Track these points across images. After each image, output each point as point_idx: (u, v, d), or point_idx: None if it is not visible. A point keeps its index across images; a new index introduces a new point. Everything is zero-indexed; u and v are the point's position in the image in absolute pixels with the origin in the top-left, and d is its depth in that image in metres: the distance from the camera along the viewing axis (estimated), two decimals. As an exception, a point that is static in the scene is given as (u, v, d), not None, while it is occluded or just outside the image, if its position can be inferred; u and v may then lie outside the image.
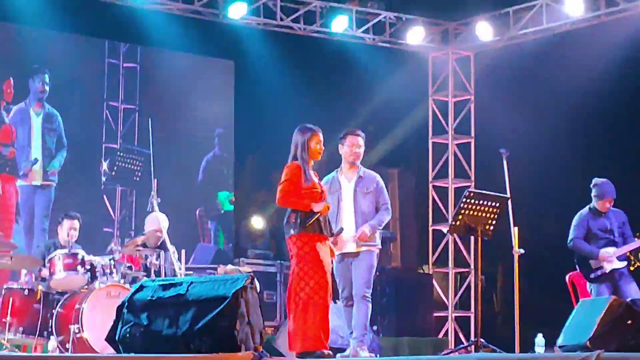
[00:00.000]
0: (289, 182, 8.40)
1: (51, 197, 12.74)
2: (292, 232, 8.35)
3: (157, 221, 11.01)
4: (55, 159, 13.40)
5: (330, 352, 8.45)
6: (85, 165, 14.34)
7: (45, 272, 10.54)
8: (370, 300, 8.94)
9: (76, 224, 11.18)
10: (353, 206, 9.05)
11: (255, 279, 8.27)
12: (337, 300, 10.27)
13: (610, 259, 10.08)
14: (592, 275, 10.20)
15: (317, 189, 8.46)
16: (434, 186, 15.55)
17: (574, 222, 10.32)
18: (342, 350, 9.22)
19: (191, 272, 11.17)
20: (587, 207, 10.33)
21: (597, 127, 15.40)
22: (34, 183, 13.16)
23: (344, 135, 9.32)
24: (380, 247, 9.15)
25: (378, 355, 9.95)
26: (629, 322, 7.43)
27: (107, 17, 14.18)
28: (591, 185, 10.32)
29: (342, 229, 8.88)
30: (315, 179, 8.53)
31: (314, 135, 8.57)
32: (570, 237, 10.31)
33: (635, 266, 10.21)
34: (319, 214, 8.34)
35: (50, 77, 13.81)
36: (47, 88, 13.11)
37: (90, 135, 14.44)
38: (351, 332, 8.94)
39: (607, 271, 10.13)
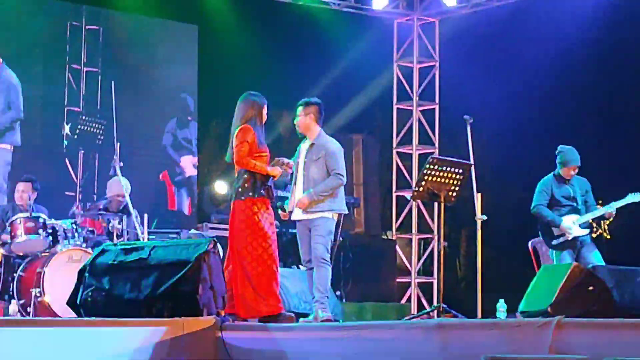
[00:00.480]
0: (247, 144, 8.45)
1: (8, 161, 12.58)
2: (244, 196, 8.39)
3: (119, 186, 10.95)
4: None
5: (292, 315, 8.47)
6: (47, 128, 14.21)
7: (5, 236, 10.46)
8: (327, 263, 8.91)
9: (29, 187, 11.08)
10: (303, 173, 9.05)
11: (218, 244, 8.26)
12: (299, 266, 10.27)
13: (573, 226, 10.12)
14: (554, 242, 10.24)
15: (265, 154, 8.55)
16: (397, 152, 15.56)
17: (538, 188, 10.35)
18: (306, 315, 9.23)
19: (154, 237, 11.13)
20: (552, 173, 10.35)
21: (563, 94, 15.45)
22: None
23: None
24: (338, 211, 9.08)
25: (341, 321, 9.96)
26: (590, 288, 7.46)
27: (70, -21, 14.04)
28: (556, 152, 10.34)
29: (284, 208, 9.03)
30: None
31: (265, 104, 8.73)
32: (533, 203, 10.34)
33: (598, 233, 10.26)
34: (273, 178, 8.48)
35: (10, 39, 13.64)
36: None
37: (52, 99, 14.30)
38: (313, 297, 8.95)
39: (569, 238, 10.18)
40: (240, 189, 8.46)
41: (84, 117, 14.12)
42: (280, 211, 9.11)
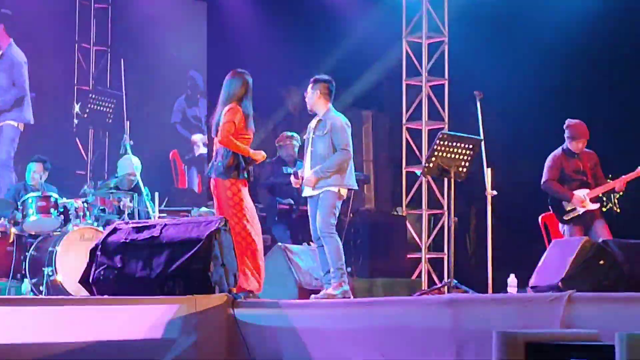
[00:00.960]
0: (233, 125, 8.50)
1: (13, 137, 12.62)
2: (227, 175, 8.47)
3: (131, 164, 10.98)
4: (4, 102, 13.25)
5: (245, 294, 8.52)
6: (57, 107, 14.23)
7: (17, 215, 10.50)
8: (332, 235, 8.90)
9: (40, 167, 11.13)
10: (310, 150, 9.07)
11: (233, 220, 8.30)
12: (310, 242, 10.29)
13: (584, 200, 10.12)
14: (565, 217, 10.25)
15: (250, 137, 8.59)
16: (407, 128, 15.54)
17: (547, 163, 10.34)
18: (317, 291, 9.26)
19: (165, 215, 11.16)
20: (560, 148, 10.34)
21: (573, 69, 15.38)
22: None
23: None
24: (347, 187, 9.08)
25: (352, 297, 9.99)
26: (601, 262, 7.47)
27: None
28: (564, 127, 10.33)
29: (296, 173, 9.09)
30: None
31: (251, 82, 8.71)
32: (543, 178, 10.34)
33: (608, 207, 10.26)
34: (255, 161, 8.55)
35: (18, 18, 13.64)
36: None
37: (61, 78, 14.32)
38: (327, 271, 8.97)
39: (580, 213, 10.18)
40: (223, 168, 8.53)
41: (93, 96, 14.14)
42: (292, 177, 9.12)
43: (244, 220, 8.52)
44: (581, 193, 10.16)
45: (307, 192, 9.07)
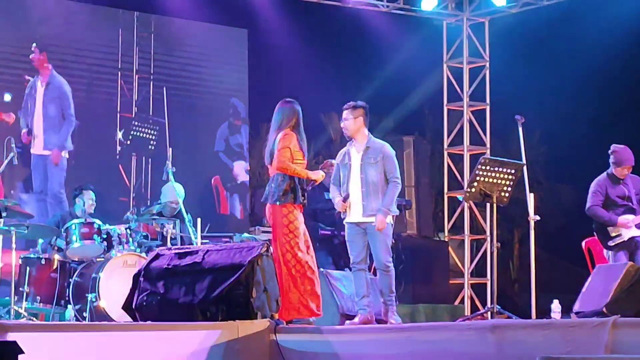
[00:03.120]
0: (289, 150, 8.57)
1: (64, 166, 12.74)
2: (283, 201, 8.51)
3: (174, 193, 11.03)
4: (60, 135, 13.36)
5: (311, 320, 8.54)
6: (101, 135, 14.32)
7: (61, 242, 10.57)
8: (392, 268, 9.01)
9: (92, 194, 11.23)
10: (359, 176, 9.06)
11: (271, 247, 8.31)
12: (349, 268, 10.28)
13: (629, 225, 10.04)
14: (610, 243, 10.16)
15: (304, 162, 8.72)
16: (449, 153, 15.51)
17: (592, 188, 10.26)
18: (353, 317, 9.25)
19: (207, 241, 11.19)
20: (605, 173, 10.26)
21: (615, 93, 15.32)
22: (42, 152, 13.17)
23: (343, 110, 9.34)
24: (394, 213, 9.15)
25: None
26: (646, 287, 7.40)
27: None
28: (609, 152, 10.24)
29: (348, 195, 8.98)
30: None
31: (300, 111, 8.75)
32: (588, 204, 10.26)
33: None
34: (314, 182, 8.56)
35: (63, 48, 13.77)
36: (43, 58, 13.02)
37: (105, 105, 14.42)
38: (363, 297, 8.98)
39: (625, 239, 10.09)
40: (280, 193, 8.56)
41: (136, 123, 14.23)
42: (341, 202, 9.05)
43: (296, 248, 8.53)
44: (627, 218, 10.07)
45: (354, 218, 9.05)
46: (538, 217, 9.78)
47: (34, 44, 12.92)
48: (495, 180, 9.35)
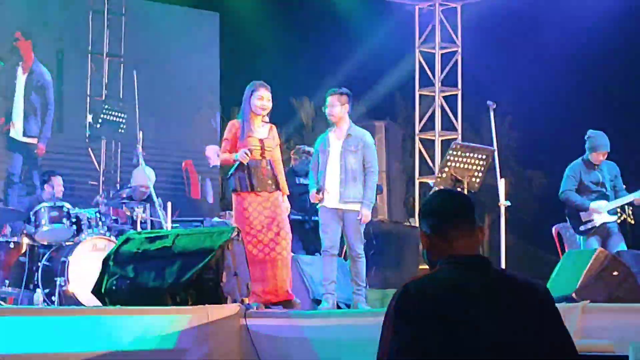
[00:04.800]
0: (225, 141, 8.70)
1: (35, 153, 12.68)
2: (231, 189, 8.61)
3: (144, 176, 10.96)
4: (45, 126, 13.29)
5: (298, 301, 8.58)
6: (70, 118, 14.25)
7: (30, 226, 10.51)
8: (363, 256, 9.06)
9: (61, 180, 11.17)
10: (339, 163, 9.05)
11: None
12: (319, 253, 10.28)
13: (601, 211, 10.07)
14: (581, 228, 10.19)
15: (253, 145, 8.64)
16: (420, 139, 15.53)
17: (566, 173, 10.28)
18: (319, 302, 9.28)
19: (177, 225, 11.15)
20: (580, 158, 10.28)
21: (588, 79, 15.37)
22: (18, 138, 13.07)
23: (325, 97, 9.30)
24: (373, 203, 9.23)
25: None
26: (615, 273, 7.43)
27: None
28: (585, 137, 10.25)
29: (322, 187, 9.03)
30: (263, 135, 8.66)
31: (256, 91, 8.74)
32: (561, 189, 10.28)
33: (622, 218, 10.20)
34: (239, 163, 8.52)
35: (31, 30, 13.66)
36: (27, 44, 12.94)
37: (74, 88, 14.33)
38: (331, 282, 9.01)
39: (597, 224, 10.12)
40: (231, 182, 8.71)
41: (106, 107, 14.16)
42: (315, 193, 9.08)
43: (258, 232, 8.60)
44: (599, 204, 10.10)
45: (331, 203, 9.05)
46: (508, 203, 9.80)
47: (19, 31, 12.80)
48: (466, 166, 9.37)
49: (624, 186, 10.22)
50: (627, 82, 15.38)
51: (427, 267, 3.75)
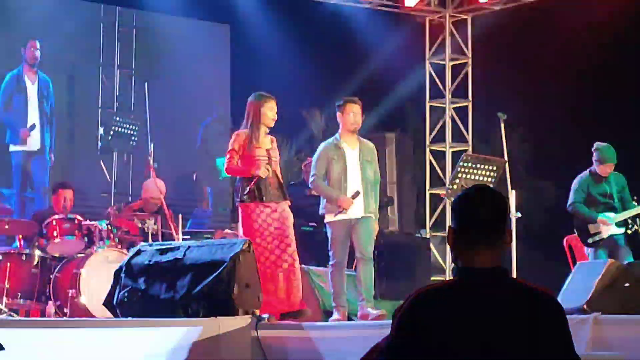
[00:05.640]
0: (233, 151, 8.66)
1: (47, 164, 12.71)
2: (239, 200, 8.57)
3: (155, 189, 10.99)
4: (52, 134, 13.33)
5: (309, 311, 8.59)
6: (81, 130, 14.28)
7: (42, 238, 10.53)
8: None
9: (71, 193, 11.18)
10: (360, 174, 9.08)
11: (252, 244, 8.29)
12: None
13: (609, 224, 10.06)
14: (589, 240, 10.19)
15: (260, 156, 8.62)
16: (431, 150, 15.52)
17: (574, 185, 10.29)
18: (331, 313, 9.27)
19: (188, 237, 11.16)
20: (588, 170, 10.28)
21: (597, 91, 15.36)
22: (32, 149, 13.10)
23: (343, 103, 9.26)
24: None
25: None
26: (626, 284, 7.43)
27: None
28: (592, 149, 10.26)
29: (358, 192, 8.98)
30: (267, 146, 8.69)
31: (267, 102, 8.76)
32: (569, 201, 10.29)
33: (633, 230, 10.20)
34: (257, 178, 8.50)
35: (43, 43, 13.70)
36: (38, 55, 12.97)
37: (86, 100, 14.37)
38: (343, 294, 9.03)
39: (605, 236, 10.12)
40: (235, 194, 8.72)
41: (118, 119, 14.18)
42: (346, 199, 9.01)
43: (269, 243, 8.61)
44: (607, 216, 10.10)
45: (353, 214, 9.05)
46: (519, 215, 9.80)
47: (36, 40, 12.85)
48: (477, 177, 9.38)
49: (634, 197, 10.22)
50: (638, 93, 15.37)
51: (438, 278, 3.78)
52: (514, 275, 9.80)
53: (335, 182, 9.06)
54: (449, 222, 15.10)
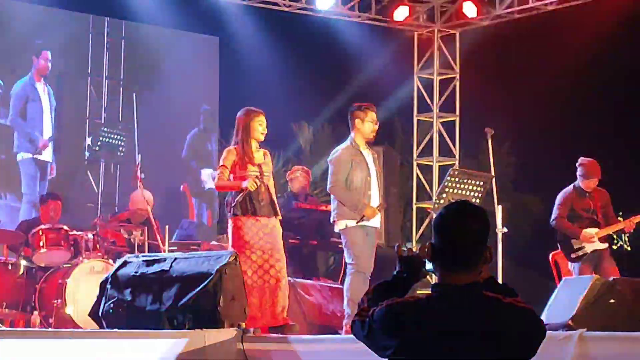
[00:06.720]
0: (224, 167, 8.66)
1: (48, 175, 12.79)
2: (230, 214, 8.57)
3: (142, 200, 10.98)
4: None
5: (296, 325, 8.57)
6: (69, 140, 14.28)
7: (28, 247, 10.51)
8: None
9: (60, 205, 11.18)
10: (377, 183, 9.13)
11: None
12: (320, 277, 10.27)
13: (592, 239, 10.10)
14: (573, 255, 10.22)
15: (252, 172, 8.63)
16: (418, 164, 15.55)
17: (558, 200, 10.32)
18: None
19: (175, 248, 11.16)
20: (572, 185, 10.32)
21: (583, 107, 15.42)
22: (45, 159, 13.17)
23: (364, 109, 9.16)
24: None
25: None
26: (611, 301, 7.44)
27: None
28: (577, 164, 10.30)
29: (383, 206, 9.15)
30: (260, 160, 8.71)
31: (256, 117, 8.75)
32: (553, 215, 10.32)
33: (618, 245, 10.24)
34: (247, 191, 8.50)
35: (31, 52, 13.73)
36: (49, 66, 13.02)
37: (74, 110, 14.37)
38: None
39: (588, 251, 10.15)
40: (229, 206, 8.70)
41: (105, 129, 14.19)
42: (374, 210, 9.03)
43: (256, 256, 8.60)
44: (590, 232, 10.13)
45: (374, 222, 9.08)
46: (505, 230, 9.82)
47: (48, 51, 12.90)
48: (464, 192, 9.39)
49: (618, 213, 10.26)
50: (624, 110, 15.45)
51: (424, 291, 3.81)
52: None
53: (357, 190, 8.91)
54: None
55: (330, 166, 9.08)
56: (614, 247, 10.31)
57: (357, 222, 8.94)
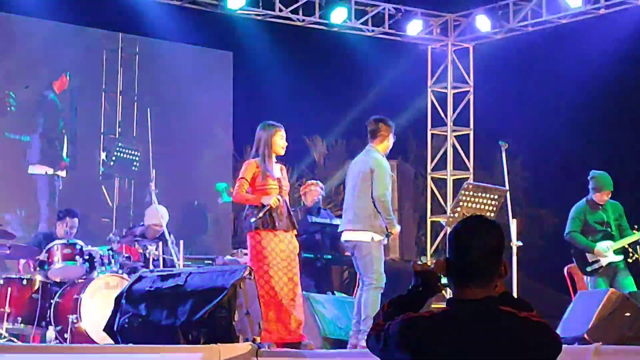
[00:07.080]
0: (243, 180, 8.63)
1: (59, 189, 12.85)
2: (247, 229, 8.56)
3: (157, 215, 10.99)
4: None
5: (311, 343, 8.56)
6: (84, 155, 14.32)
7: (43, 262, 10.53)
8: None
9: (76, 222, 11.21)
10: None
11: (254, 270, 8.30)
12: (334, 292, 10.26)
13: (606, 254, 10.07)
14: (588, 269, 10.19)
15: (271, 186, 8.62)
16: (432, 178, 15.55)
17: (571, 214, 10.30)
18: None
19: (190, 263, 11.16)
20: (585, 199, 10.30)
21: (596, 120, 15.39)
22: (62, 174, 13.22)
23: (391, 125, 9.24)
24: None
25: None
26: (627, 314, 7.43)
27: (106, 8, 14.16)
28: (589, 178, 10.29)
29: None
30: (278, 174, 8.69)
31: (277, 131, 8.77)
32: (567, 230, 10.29)
33: (634, 259, 10.19)
34: (269, 207, 8.49)
35: (45, 69, 13.79)
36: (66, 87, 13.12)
37: (88, 125, 14.42)
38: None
39: (603, 264, 10.12)
40: (243, 223, 8.71)
41: (120, 145, 14.23)
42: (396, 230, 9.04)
43: (262, 277, 8.56)
44: (604, 245, 10.10)
45: (384, 240, 9.11)
46: (520, 243, 9.80)
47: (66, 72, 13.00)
48: (478, 206, 9.39)
49: (634, 226, 10.22)
50: (638, 123, 15.42)
51: (439, 305, 3.81)
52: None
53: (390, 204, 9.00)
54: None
55: (377, 171, 8.99)
56: (630, 260, 10.26)
57: (383, 237, 8.99)
